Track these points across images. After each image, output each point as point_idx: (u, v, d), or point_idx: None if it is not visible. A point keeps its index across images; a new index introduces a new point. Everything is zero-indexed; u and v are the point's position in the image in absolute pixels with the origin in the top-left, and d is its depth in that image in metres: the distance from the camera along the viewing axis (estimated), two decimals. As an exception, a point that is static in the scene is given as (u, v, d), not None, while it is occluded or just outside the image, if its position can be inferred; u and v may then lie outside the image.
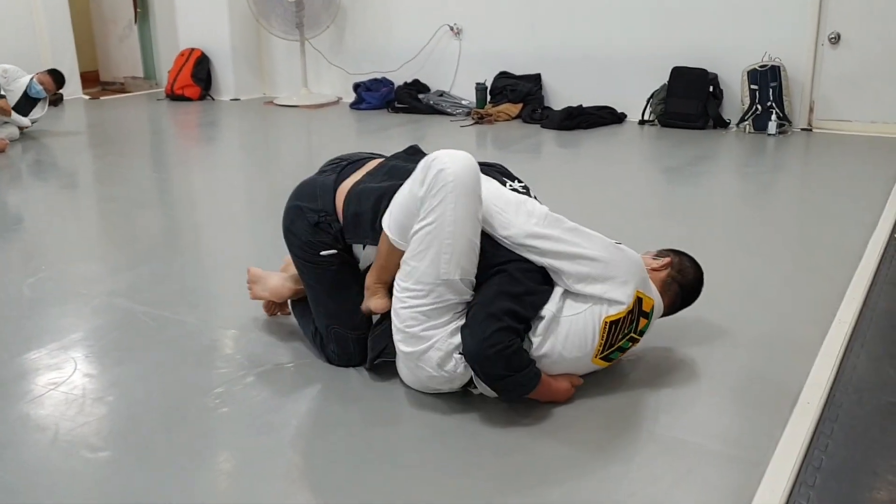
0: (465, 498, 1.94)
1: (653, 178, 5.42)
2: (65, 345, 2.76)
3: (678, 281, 2.53)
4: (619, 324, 2.29)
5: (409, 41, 8.02)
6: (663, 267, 2.53)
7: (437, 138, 6.58)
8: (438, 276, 2.21)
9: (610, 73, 7.15)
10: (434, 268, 2.22)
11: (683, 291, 2.54)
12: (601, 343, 2.28)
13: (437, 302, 2.24)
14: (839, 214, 4.24)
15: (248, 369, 2.58)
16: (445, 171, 2.20)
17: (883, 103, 6.23)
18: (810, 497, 1.91)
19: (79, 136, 7.02)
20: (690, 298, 2.59)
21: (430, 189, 2.21)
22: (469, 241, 2.22)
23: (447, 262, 2.20)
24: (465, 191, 2.21)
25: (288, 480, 2.00)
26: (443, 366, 2.26)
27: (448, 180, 2.19)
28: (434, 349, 2.25)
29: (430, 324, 2.25)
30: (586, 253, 2.27)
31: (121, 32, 9.66)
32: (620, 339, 2.32)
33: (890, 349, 2.71)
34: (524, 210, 2.32)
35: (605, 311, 2.27)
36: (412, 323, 2.26)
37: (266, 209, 4.68)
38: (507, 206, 2.33)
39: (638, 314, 2.32)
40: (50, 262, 3.62)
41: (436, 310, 2.24)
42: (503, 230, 2.29)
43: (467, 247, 2.22)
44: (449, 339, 2.24)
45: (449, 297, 2.23)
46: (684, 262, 2.59)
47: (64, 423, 2.25)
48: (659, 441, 2.17)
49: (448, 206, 2.19)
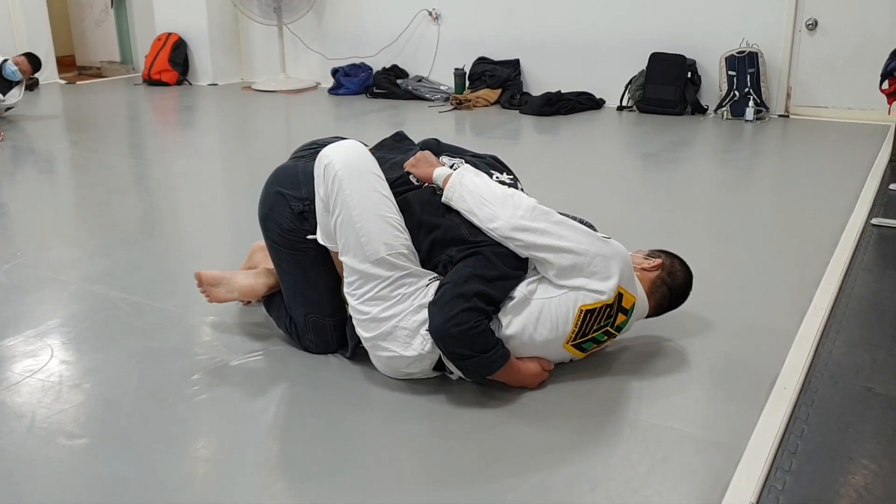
0: (443, 484, 1.94)
1: (631, 163, 5.44)
2: (41, 331, 2.74)
3: (668, 284, 2.52)
4: (594, 313, 2.29)
5: (387, 26, 7.98)
6: (654, 268, 2.52)
7: (415, 124, 6.56)
8: (367, 259, 2.27)
9: (588, 58, 7.15)
10: (360, 253, 2.28)
11: (672, 294, 2.54)
12: (574, 330, 2.29)
13: (381, 284, 2.27)
14: (815, 201, 4.27)
15: (226, 356, 2.57)
16: (332, 162, 2.32)
17: (859, 89, 6.26)
18: (786, 481, 1.93)
19: (55, 121, 6.95)
20: (678, 302, 2.59)
21: (326, 185, 2.31)
22: (377, 216, 2.29)
23: (366, 243, 2.27)
24: (355, 173, 2.31)
25: (266, 468, 2.00)
26: (410, 343, 2.28)
27: (336, 169, 2.30)
28: (399, 328, 2.27)
29: (386, 304, 2.28)
30: (572, 246, 2.27)
31: (97, 16, 9.55)
32: (595, 329, 2.32)
33: (865, 335, 2.74)
34: (511, 203, 2.31)
35: (583, 299, 2.27)
36: (366, 309, 2.30)
37: (244, 194, 4.65)
38: (493, 199, 2.33)
39: (617, 309, 2.32)
40: (26, 249, 3.59)
41: (384, 289, 2.28)
42: (489, 223, 2.29)
43: (379, 221, 2.29)
44: (413, 317, 2.27)
45: (390, 273, 2.27)
46: (675, 265, 2.57)
47: (41, 411, 2.24)
48: (636, 427, 2.18)
49: (345, 192, 2.28)
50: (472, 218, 2.32)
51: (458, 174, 2.39)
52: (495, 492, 1.91)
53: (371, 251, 2.26)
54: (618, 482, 1.94)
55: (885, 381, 2.41)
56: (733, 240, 3.67)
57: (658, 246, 2.68)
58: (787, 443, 2.09)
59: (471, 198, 2.33)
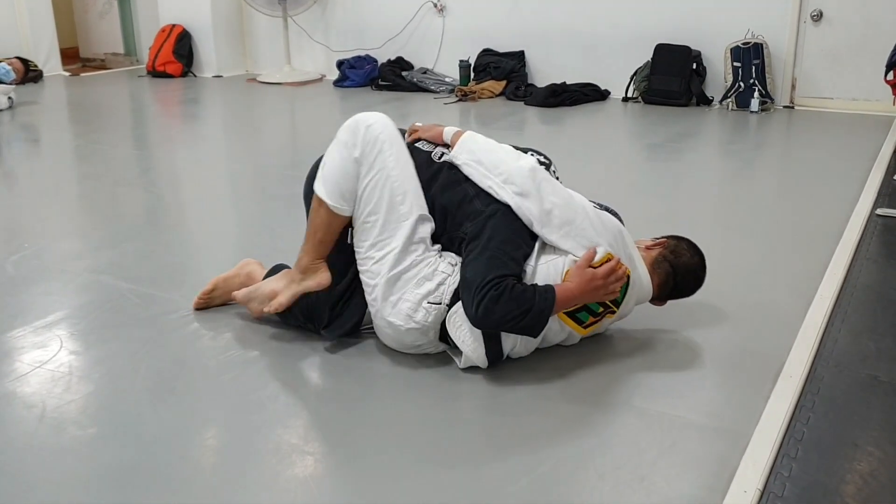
0: (452, 471, 1.96)
1: (636, 154, 5.44)
2: (49, 322, 2.75)
3: (669, 261, 2.52)
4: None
5: (392, 18, 7.97)
6: (656, 245, 2.55)
7: (420, 115, 6.55)
8: (399, 219, 2.35)
9: (593, 50, 7.14)
10: (394, 212, 2.36)
11: (676, 273, 2.52)
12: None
13: (402, 243, 2.34)
14: (821, 191, 4.27)
15: (234, 345, 2.58)
16: (373, 125, 2.41)
17: (864, 81, 6.24)
18: (792, 468, 1.94)
19: (59, 113, 6.96)
20: (686, 283, 2.57)
21: (364, 145, 2.38)
22: (415, 178, 2.42)
23: (401, 202, 2.36)
24: (395, 140, 2.43)
25: (277, 456, 2.01)
26: (413, 316, 2.34)
27: (378, 131, 2.40)
28: (402, 300, 2.33)
29: (400, 269, 2.34)
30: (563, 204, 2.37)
31: (101, 8, 9.54)
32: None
33: (869, 324, 2.75)
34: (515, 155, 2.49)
35: (569, 264, 2.32)
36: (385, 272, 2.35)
37: (250, 186, 4.68)
38: (499, 149, 2.51)
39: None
40: (33, 240, 3.60)
41: (402, 253, 2.34)
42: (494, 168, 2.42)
43: (416, 186, 2.41)
44: (416, 290, 2.34)
45: (411, 237, 2.35)
46: (682, 245, 2.58)
47: (51, 401, 2.25)
48: (644, 414, 2.19)
49: (387, 154, 2.38)
50: (479, 166, 2.42)
51: (469, 134, 2.55)
52: (504, 480, 1.92)
53: (406, 210, 2.36)
54: (626, 470, 1.95)
55: (889, 370, 2.42)
56: (739, 230, 3.68)
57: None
58: (793, 430, 2.10)
59: (477, 148, 2.49)
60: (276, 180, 4.69)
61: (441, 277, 2.36)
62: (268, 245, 3.37)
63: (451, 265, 2.39)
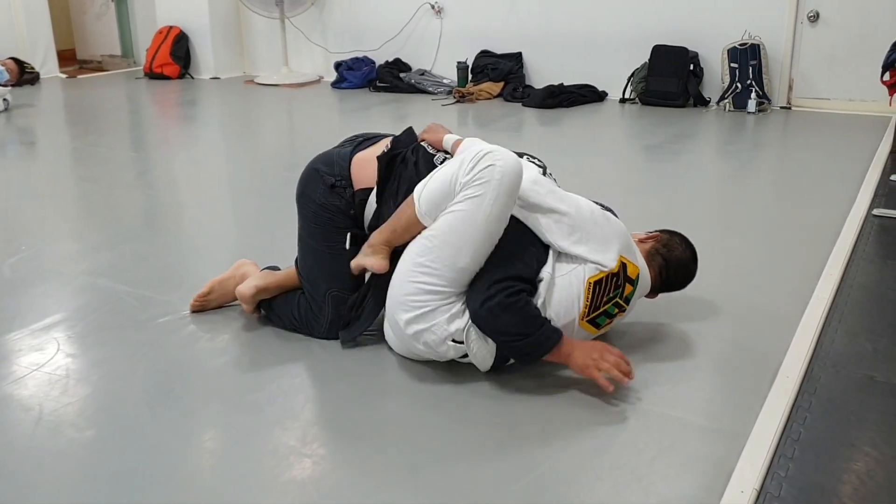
0: (450, 472, 1.96)
1: (633, 155, 5.44)
2: (47, 325, 2.75)
3: (662, 254, 2.56)
4: (602, 284, 2.32)
5: (390, 20, 7.98)
6: (649, 238, 2.59)
7: (418, 117, 6.56)
8: (455, 263, 2.25)
9: (591, 51, 7.15)
10: (455, 253, 2.25)
11: (668, 266, 2.56)
12: (587, 305, 2.32)
13: (444, 284, 2.27)
14: (818, 192, 4.28)
15: (232, 348, 2.59)
16: (496, 167, 2.24)
17: (861, 81, 6.26)
18: (789, 468, 1.95)
19: (56, 116, 6.96)
20: (678, 277, 2.60)
21: (475, 178, 2.25)
22: (491, 238, 2.28)
23: (467, 252, 2.25)
24: (508, 192, 2.26)
25: (275, 458, 2.01)
26: (435, 348, 2.32)
27: (496, 176, 2.24)
28: (429, 332, 2.29)
29: (433, 300, 2.28)
30: (568, 210, 2.36)
31: (98, 10, 9.54)
32: (606, 302, 2.35)
33: (866, 324, 2.75)
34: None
35: (589, 272, 2.32)
36: (417, 299, 2.29)
37: (248, 188, 4.67)
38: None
39: (624, 279, 2.36)
40: (30, 242, 3.60)
41: (441, 292, 2.27)
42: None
43: (488, 245, 2.28)
44: (446, 326, 2.28)
45: (456, 282, 2.27)
46: (674, 239, 2.62)
47: (48, 404, 2.25)
48: (641, 415, 2.19)
49: (488, 199, 2.24)
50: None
51: (469, 140, 2.48)
52: (502, 481, 1.92)
53: (466, 261, 2.25)
54: (623, 470, 1.95)
55: (886, 370, 2.42)
56: (736, 230, 3.68)
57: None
58: (790, 430, 2.10)
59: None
60: (273, 182, 4.69)
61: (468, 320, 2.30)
62: (265, 247, 3.37)
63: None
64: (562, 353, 2.26)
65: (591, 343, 2.31)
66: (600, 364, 2.23)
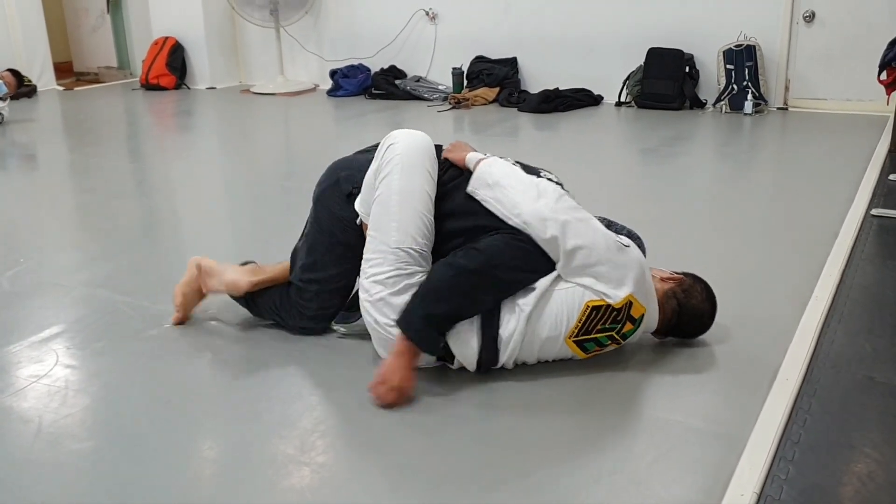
0: (447, 477, 1.95)
1: (630, 158, 5.44)
2: (45, 337, 2.75)
3: (679, 299, 2.46)
4: (600, 311, 2.29)
5: (384, 27, 7.98)
6: (670, 279, 2.49)
7: (414, 124, 6.55)
8: (388, 243, 2.32)
9: (586, 55, 7.15)
10: (386, 235, 2.33)
11: (682, 313, 2.47)
12: (577, 326, 2.30)
13: (394, 270, 2.31)
14: (816, 192, 4.27)
15: (228, 357, 2.58)
16: (395, 145, 2.41)
17: (858, 81, 6.26)
18: (789, 471, 1.94)
19: (54, 127, 6.96)
20: (690, 326, 2.52)
21: (381, 161, 2.39)
22: (416, 211, 2.35)
23: (395, 229, 2.32)
24: (411, 164, 2.37)
25: (273, 466, 2.01)
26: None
27: (396, 153, 2.39)
28: (394, 326, 2.30)
29: (392, 291, 2.31)
30: (586, 244, 2.29)
31: (94, 22, 9.55)
32: (599, 330, 2.32)
33: (866, 325, 2.75)
34: (534, 192, 2.38)
35: (590, 295, 2.29)
36: (377, 290, 2.33)
37: (244, 197, 4.67)
38: (518, 185, 2.39)
39: (625, 317, 2.32)
40: (28, 254, 3.60)
41: (392, 277, 2.31)
42: (513, 208, 2.34)
43: (415, 217, 2.34)
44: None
45: (405, 267, 2.31)
46: (696, 286, 2.51)
47: (47, 415, 2.25)
48: (639, 419, 2.19)
49: (394, 177, 2.36)
50: (497, 205, 2.36)
51: (486, 163, 2.46)
52: (498, 485, 1.92)
53: (396, 238, 2.32)
54: (622, 475, 1.94)
55: (886, 371, 2.42)
56: (734, 232, 3.68)
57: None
58: (790, 433, 2.10)
59: (495, 184, 2.39)
60: (270, 191, 4.69)
61: None
62: (262, 255, 3.35)
63: None
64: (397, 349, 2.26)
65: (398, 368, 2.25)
66: (377, 388, 2.25)
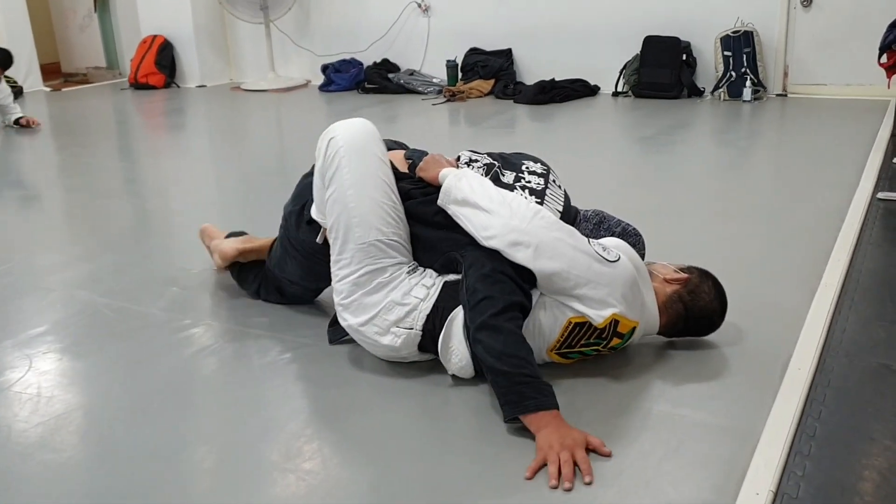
0: (443, 480, 1.85)
1: (628, 148, 5.34)
2: (20, 341, 2.63)
3: (685, 301, 2.28)
4: (583, 328, 2.13)
5: (376, 20, 7.89)
6: (674, 281, 2.30)
7: (409, 118, 6.46)
8: (355, 242, 2.21)
9: (581, 45, 7.05)
10: (348, 233, 2.22)
11: (689, 316, 2.29)
12: (559, 340, 2.16)
13: (364, 268, 2.21)
14: (819, 178, 4.18)
15: (212, 361, 2.47)
16: (336, 138, 2.28)
17: (857, 65, 6.17)
18: (806, 467, 1.83)
19: (41, 128, 6.84)
20: (698, 326, 2.34)
21: (325, 159, 2.27)
22: (372, 199, 2.23)
23: (357, 224, 2.21)
24: (357, 152, 2.26)
25: (260, 470, 1.90)
26: (380, 341, 2.23)
27: (339, 145, 2.26)
28: (371, 324, 2.22)
29: (364, 291, 2.23)
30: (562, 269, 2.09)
31: (81, 22, 9.45)
32: (583, 345, 2.17)
33: (878, 310, 2.64)
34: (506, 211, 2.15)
35: (572, 313, 2.13)
36: (349, 292, 2.24)
37: (233, 196, 4.57)
38: (488, 205, 2.17)
39: (611, 333, 2.16)
40: (9, 256, 3.48)
41: (365, 275, 2.22)
42: (483, 231, 2.15)
43: (374, 206, 2.23)
44: (385, 316, 2.21)
45: (374, 262, 2.21)
46: (703, 286, 2.30)
47: (17, 425, 2.13)
48: (647, 415, 2.08)
49: (343, 170, 2.24)
50: (467, 223, 2.18)
51: (454, 177, 2.26)
52: (502, 486, 1.82)
53: (360, 234, 2.21)
54: (629, 474, 1.83)
55: (902, 358, 2.31)
56: (738, 220, 3.57)
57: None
58: (805, 426, 1.99)
59: (463, 200, 2.21)
60: (261, 188, 4.58)
61: (413, 303, 2.20)
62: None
63: (425, 288, 2.23)
64: (532, 420, 1.96)
65: (570, 431, 1.93)
66: (561, 454, 1.86)
